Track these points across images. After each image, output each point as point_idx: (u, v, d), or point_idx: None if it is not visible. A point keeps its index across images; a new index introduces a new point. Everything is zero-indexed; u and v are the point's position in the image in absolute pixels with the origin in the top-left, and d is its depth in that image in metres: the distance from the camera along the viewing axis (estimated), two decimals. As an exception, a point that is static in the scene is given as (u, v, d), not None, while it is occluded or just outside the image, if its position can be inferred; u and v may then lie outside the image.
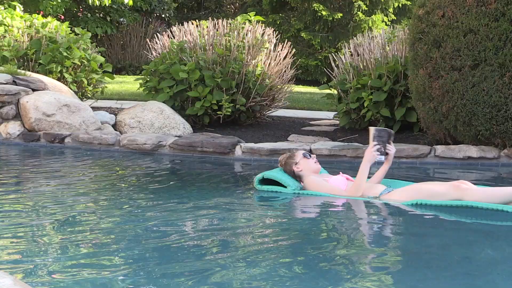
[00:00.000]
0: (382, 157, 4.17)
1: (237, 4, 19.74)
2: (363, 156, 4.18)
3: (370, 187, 4.13)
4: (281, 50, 7.64)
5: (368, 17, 14.75)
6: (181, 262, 2.82)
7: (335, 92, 7.52)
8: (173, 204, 3.98)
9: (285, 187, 4.28)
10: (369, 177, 4.24)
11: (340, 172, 4.42)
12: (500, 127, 5.41)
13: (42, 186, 4.50)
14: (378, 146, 4.15)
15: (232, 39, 7.28)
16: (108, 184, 4.65)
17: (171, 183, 4.78)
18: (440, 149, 5.65)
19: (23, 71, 6.95)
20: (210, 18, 8.09)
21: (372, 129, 4.22)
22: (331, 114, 8.14)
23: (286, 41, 7.90)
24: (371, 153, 4.14)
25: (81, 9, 15.77)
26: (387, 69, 6.71)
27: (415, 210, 3.84)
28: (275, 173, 4.35)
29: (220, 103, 6.89)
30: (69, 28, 8.34)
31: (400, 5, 15.42)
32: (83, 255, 2.87)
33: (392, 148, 4.23)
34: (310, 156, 4.39)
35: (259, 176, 4.37)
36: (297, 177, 4.38)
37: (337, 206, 4.08)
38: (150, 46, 8.04)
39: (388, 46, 7.20)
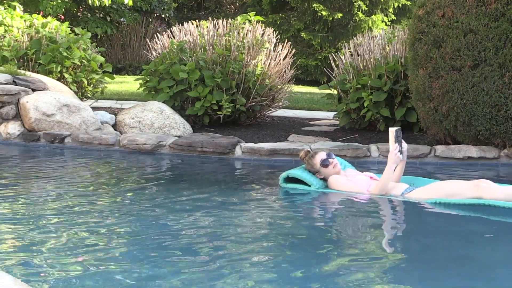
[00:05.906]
0: (401, 156, 4.24)
1: (237, 4, 19.74)
2: (387, 159, 4.21)
3: (393, 186, 4.20)
4: (281, 50, 7.64)
5: (368, 17, 14.75)
6: (182, 262, 2.82)
7: (335, 92, 7.52)
8: (173, 204, 3.98)
9: (309, 185, 4.36)
10: None
11: (363, 172, 4.49)
12: (500, 127, 5.41)
13: (42, 186, 4.50)
14: (399, 148, 4.20)
15: (232, 39, 7.28)
16: (108, 184, 4.65)
17: (171, 183, 4.78)
18: (440, 149, 5.64)
19: (23, 71, 6.94)
20: (210, 18, 8.09)
21: (392, 131, 4.20)
22: (331, 114, 8.13)
23: (286, 41, 7.90)
24: (395, 155, 4.18)
25: (81, 9, 15.78)
26: (387, 69, 6.71)
27: (433, 208, 3.88)
28: (300, 172, 4.44)
29: (220, 103, 6.89)
30: (69, 28, 8.34)
31: (400, 5, 15.42)
32: (83, 254, 2.87)
33: (405, 145, 4.29)
34: (328, 162, 4.40)
35: (284, 174, 4.46)
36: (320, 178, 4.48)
37: (356, 204, 4.09)
38: (150, 46, 8.04)
39: (388, 46, 7.20)
